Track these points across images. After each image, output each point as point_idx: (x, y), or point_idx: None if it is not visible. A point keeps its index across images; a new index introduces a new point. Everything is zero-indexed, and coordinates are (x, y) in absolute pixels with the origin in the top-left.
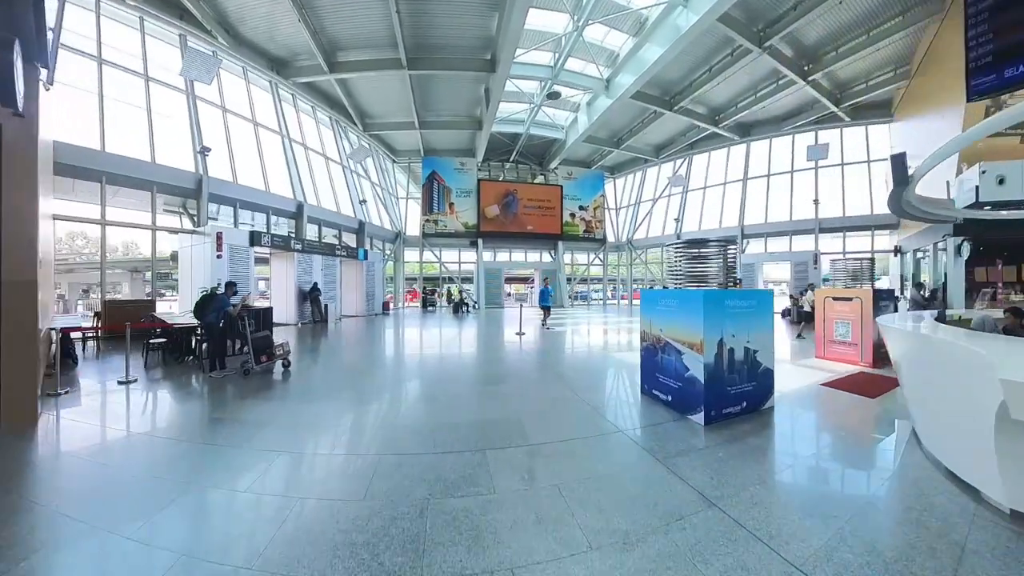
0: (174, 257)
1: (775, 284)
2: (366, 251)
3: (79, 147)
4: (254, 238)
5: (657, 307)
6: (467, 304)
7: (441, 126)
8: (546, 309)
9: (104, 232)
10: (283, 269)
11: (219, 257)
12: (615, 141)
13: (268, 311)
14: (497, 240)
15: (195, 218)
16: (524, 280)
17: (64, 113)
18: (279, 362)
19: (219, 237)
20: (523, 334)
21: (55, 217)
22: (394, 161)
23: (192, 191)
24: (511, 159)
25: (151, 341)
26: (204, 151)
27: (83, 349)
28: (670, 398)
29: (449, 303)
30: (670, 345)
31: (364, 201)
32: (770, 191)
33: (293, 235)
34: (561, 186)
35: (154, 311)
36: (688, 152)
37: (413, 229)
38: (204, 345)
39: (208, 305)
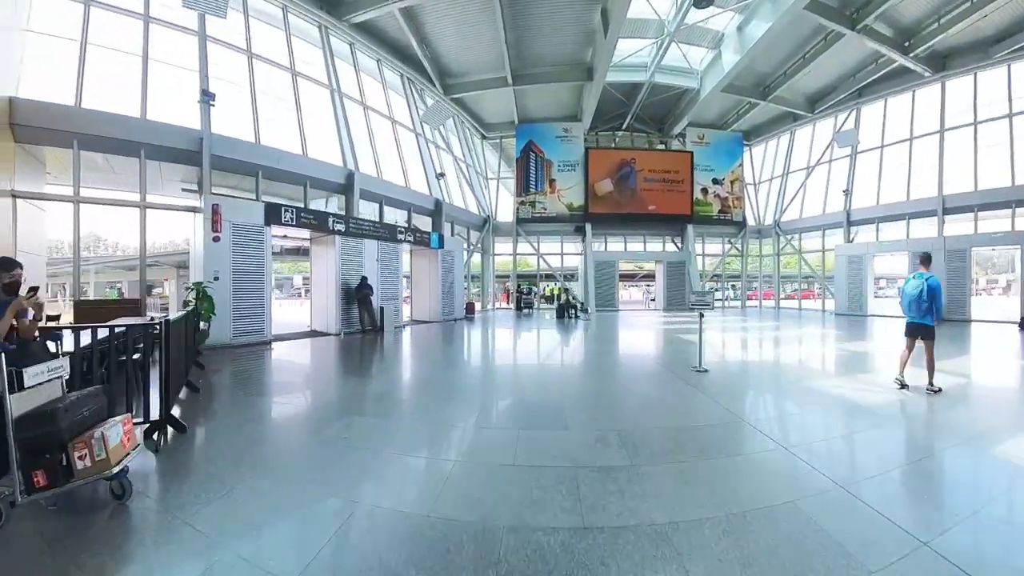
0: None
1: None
2: (441, 236)
3: None
4: (271, 213)
5: None
6: (575, 307)
7: (541, 79)
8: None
9: (145, 215)
10: (321, 259)
11: (216, 240)
12: (761, 91)
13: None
14: (610, 224)
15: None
16: (640, 277)
17: None
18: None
19: (215, 212)
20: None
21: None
22: (483, 137)
23: (191, 153)
24: (624, 125)
25: None
26: (207, 97)
27: None
28: None
29: (553, 303)
30: None
31: (442, 175)
32: (977, 146)
33: (338, 213)
34: (691, 152)
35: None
36: (854, 102)
37: (504, 215)
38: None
39: None
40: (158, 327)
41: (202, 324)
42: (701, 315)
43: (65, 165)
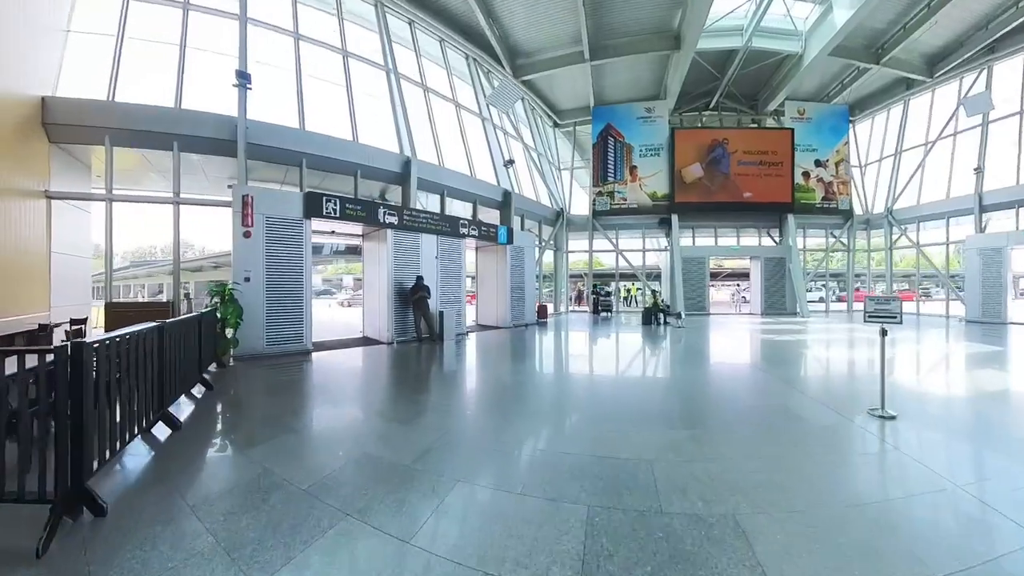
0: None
1: None
2: (511, 230)
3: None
4: (311, 204)
5: None
6: (664, 311)
7: (622, 51)
8: None
9: (179, 211)
10: (373, 257)
11: (247, 236)
12: (873, 53)
13: None
14: (698, 215)
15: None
16: (723, 276)
17: None
18: None
19: (245, 203)
20: None
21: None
22: (555, 124)
23: (228, 143)
24: (711, 104)
25: None
26: (244, 80)
27: None
28: None
29: (630, 305)
30: None
31: (511, 162)
32: None
33: (390, 203)
34: (792, 130)
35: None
36: (984, 60)
37: (578, 209)
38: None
39: None
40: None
41: (228, 332)
42: (884, 332)
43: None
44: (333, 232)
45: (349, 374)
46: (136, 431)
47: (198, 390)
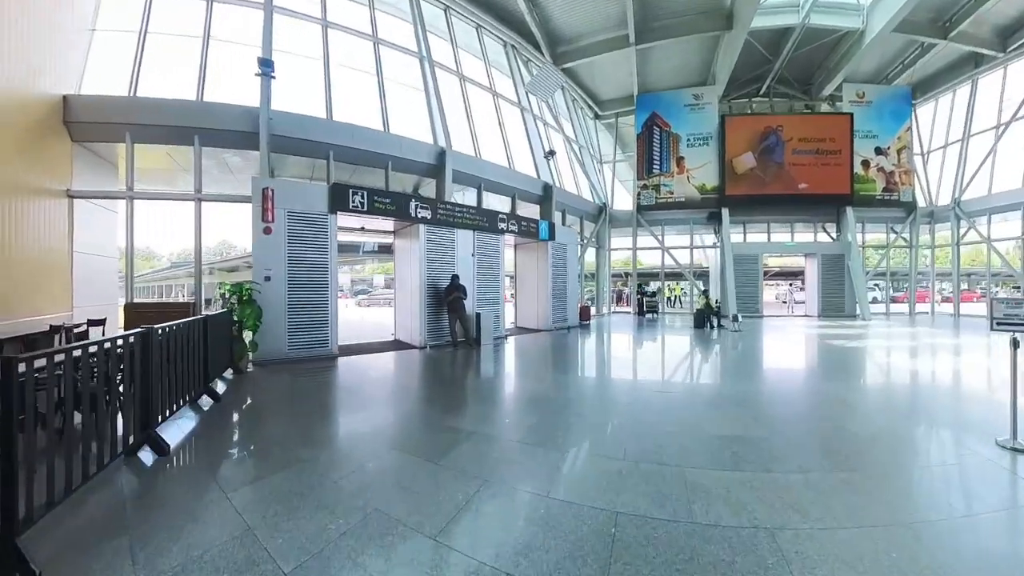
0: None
1: None
2: (552, 225)
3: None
4: (337, 197)
5: None
6: (717, 313)
7: (670, 33)
8: None
9: (200, 208)
10: (405, 255)
11: (267, 232)
12: (940, 27)
13: None
14: (750, 209)
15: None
16: (771, 275)
17: None
18: None
19: (266, 197)
20: None
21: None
22: (596, 116)
23: (251, 136)
24: (762, 89)
25: None
26: (267, 68)
27: None
28: None
29: (675, 306)
30: None
31: (552, 153)
32: None
33: (423, 196)
34: (850, 115)
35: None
36: None
37: (621, 204)
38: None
39: None
40: None
41: (247, 335)
42: (1015, 343)
43: (144, 167)
44: (363, 229)
45: (374, 385)
46: (107, 460)
47: (206, 401)
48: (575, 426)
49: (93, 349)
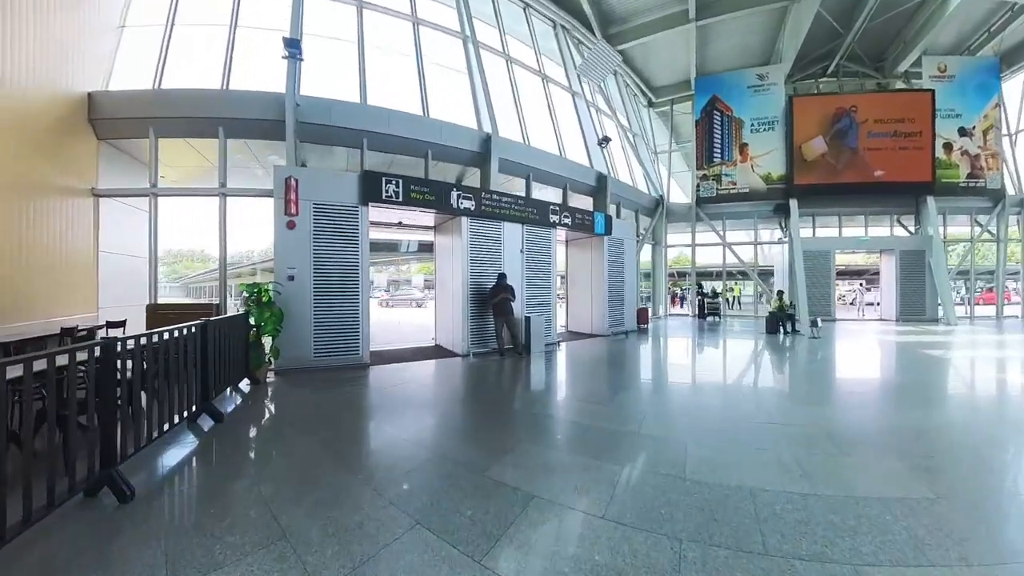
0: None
1: None
2: (608, 218)
3: None
4: (369, 186)
5: None
6: (792, 317)
7: (733, 5)
8: None
9: (225, 203)
10: (446, 252)
11: (290, 227)
12: None
13: None
14: (820, 199)
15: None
16: (843, 275)
17: None
18: None
19: (288, 187)
20: None
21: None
22: (650, 104)
23: (279, 124)
24: (830, 68)
25: None
26: (294, 50)
27: None
28: None
29: (733, 307)
30: None
31: (607, 140)
32: None
33: (466, 185)
34: (931, 91)
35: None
36: None
37: (676, 197)
38: None
39: None
40: None
41: (266, 341)
42: None
43: (181, 164)
44: (400, 224)
45: (406, 404)
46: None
47: (206, 421)
48: (677, 493)
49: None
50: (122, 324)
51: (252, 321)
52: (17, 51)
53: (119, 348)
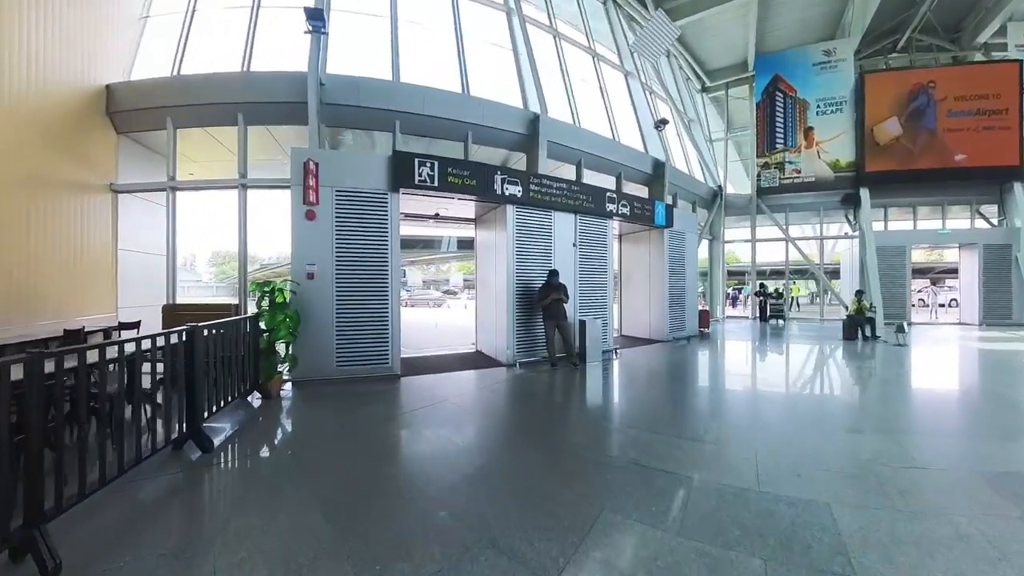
0: None
1: None
2: (669, 208)
3: None
4: (400, 169)
5: None
6: (871, 323)
7: None
8: None
9: (246, 196)
10: (488, 248)
11: (309, 217)
12: None
13: None
14: (893, 188)
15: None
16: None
17: None
18: None
19: (307, 171)
20: None
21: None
22: (703, 89)
23: (301, 107)
24: (901, 43)
25: None
26: (318, 23)
27: None
28: None
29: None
30: None
31: (664, 122)
32: None
33: (511, 168)
34: (1019, 62)
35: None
36: None
37: (732, 188)
38: None
39: None
40: None
41: (280, 348)
42: None
43: (202, 160)
44: (437, 216)
45: (442, 437)
46: None
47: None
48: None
49: None
50: (136, 325)
51: (263, 325)
52: (34, 44)
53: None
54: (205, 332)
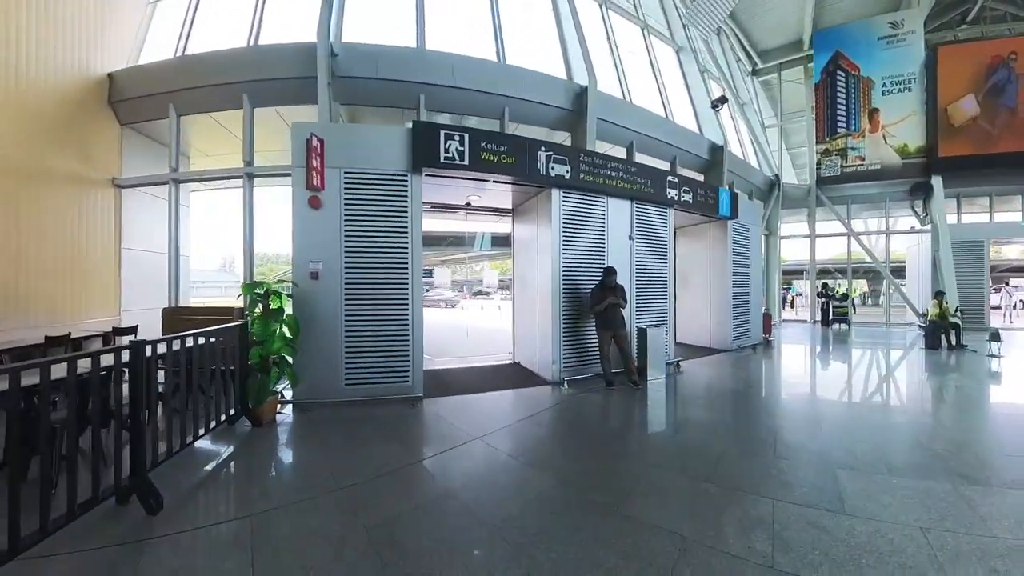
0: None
1: None
2: (735, 197)
3: None
4: (423, 145)
5: None
6: (956, 330)
7: None
8: None
9: (252, 185)
10: (528, 238)
11: (315, 206)
12: None
13: None
14: (968, 175)
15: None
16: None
17: None
18: None
19: (311, 149)
20: None
21: None
22: (754, 71)
23: (311, 83)
24: (972, 14)
25: None
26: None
27: None
28: None
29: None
30: None
31: (723, 100)
32: None
33: (556, 144)
34: None
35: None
36: None
37: (787, 178)
38: None
39: None
40: None
41: (277, 364)
42: None
43: (211, 152)
44: (468, 205)
45: (468, 500)
46: None
47: (130, 513)
48: None
49: None
50: (133, 330)
51: (253, 335)
52: (32, 30)
53: None
54: (155, 349)
